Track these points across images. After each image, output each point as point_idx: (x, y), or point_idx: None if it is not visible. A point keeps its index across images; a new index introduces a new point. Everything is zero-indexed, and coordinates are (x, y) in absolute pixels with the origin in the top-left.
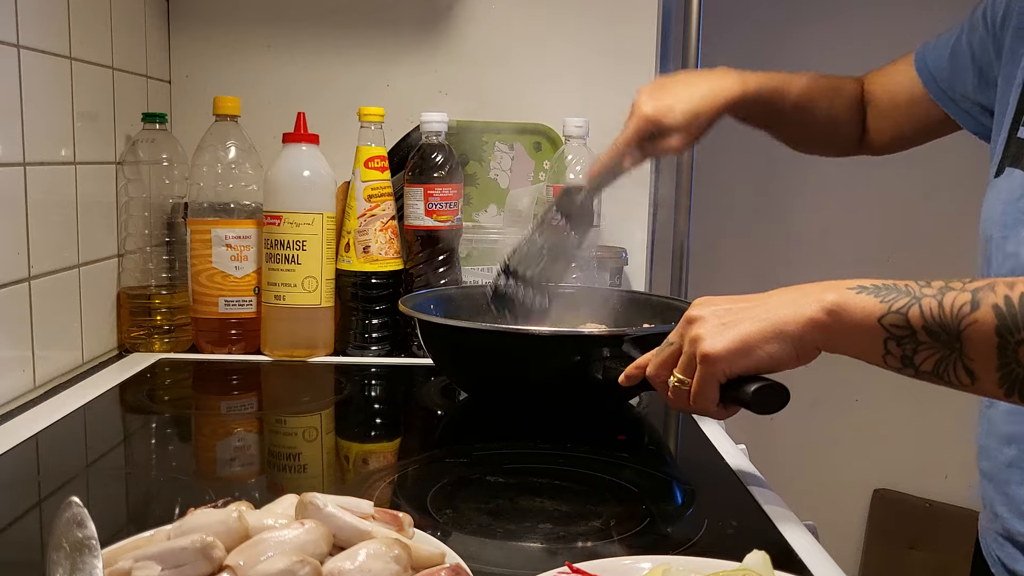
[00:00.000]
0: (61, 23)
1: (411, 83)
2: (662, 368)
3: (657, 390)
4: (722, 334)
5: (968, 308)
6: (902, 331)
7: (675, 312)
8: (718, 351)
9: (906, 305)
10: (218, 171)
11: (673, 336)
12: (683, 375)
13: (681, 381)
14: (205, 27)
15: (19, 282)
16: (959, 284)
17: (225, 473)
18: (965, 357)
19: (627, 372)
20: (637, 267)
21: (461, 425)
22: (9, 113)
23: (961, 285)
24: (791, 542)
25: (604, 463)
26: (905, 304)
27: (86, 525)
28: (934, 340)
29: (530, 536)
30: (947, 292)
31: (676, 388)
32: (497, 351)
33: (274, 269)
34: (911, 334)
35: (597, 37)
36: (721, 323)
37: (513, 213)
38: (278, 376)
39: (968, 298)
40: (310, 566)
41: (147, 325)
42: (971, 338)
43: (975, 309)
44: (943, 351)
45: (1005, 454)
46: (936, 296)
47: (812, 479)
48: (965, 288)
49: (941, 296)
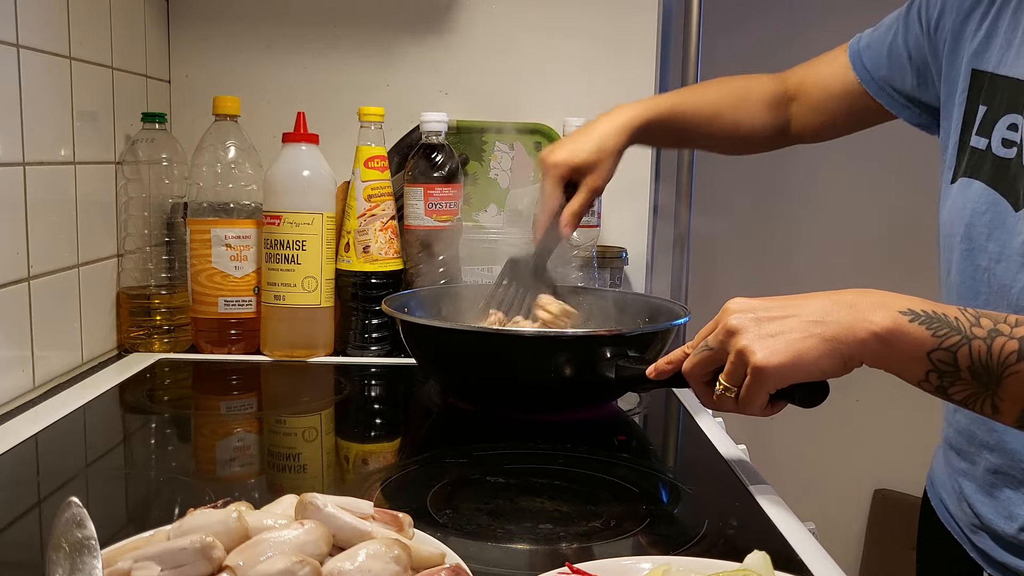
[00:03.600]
0: (61, 23)
1: (411, 83)
2: (700, 368)
3: (694, 388)
4: (773, 348)
5: (1015, 358)
6: (947, 367)
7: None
8: (773, 366)
9: (956, 344)
10: (218, 171)
11: (712, 341)
12: (730, 383)
13: (728, 389)
14: (205, 27)
15: (18, 282)
16: (1007, 327)
17: (225, 473)
18: (996, 397)
19: (658, 367)
20: (637, 267)
21: (461, 425)
22: (9, 113)
23: (1008, 328)
24: (791, 542)
25: (604, 463)
26: (956, 343)
27: (86, 525)
28: (974, 379)
29: (530, 536)
30: (996, 337)
31: (722, 395)
32: (478, 352)
33: (274, 269)
34: (955, 371)
35: (597, 37)
36: (768, 334)
37: (513, 213)
38: (278, 376)
39: (1016, 347)
40: (310, 566)
41: (147, 325)
42: (1009, 385)
43: (1021, 360)
44: (978, 389)
45: (988, 460)
46: (986, 340)
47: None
48: (1013, 335)
49: (991, 340)
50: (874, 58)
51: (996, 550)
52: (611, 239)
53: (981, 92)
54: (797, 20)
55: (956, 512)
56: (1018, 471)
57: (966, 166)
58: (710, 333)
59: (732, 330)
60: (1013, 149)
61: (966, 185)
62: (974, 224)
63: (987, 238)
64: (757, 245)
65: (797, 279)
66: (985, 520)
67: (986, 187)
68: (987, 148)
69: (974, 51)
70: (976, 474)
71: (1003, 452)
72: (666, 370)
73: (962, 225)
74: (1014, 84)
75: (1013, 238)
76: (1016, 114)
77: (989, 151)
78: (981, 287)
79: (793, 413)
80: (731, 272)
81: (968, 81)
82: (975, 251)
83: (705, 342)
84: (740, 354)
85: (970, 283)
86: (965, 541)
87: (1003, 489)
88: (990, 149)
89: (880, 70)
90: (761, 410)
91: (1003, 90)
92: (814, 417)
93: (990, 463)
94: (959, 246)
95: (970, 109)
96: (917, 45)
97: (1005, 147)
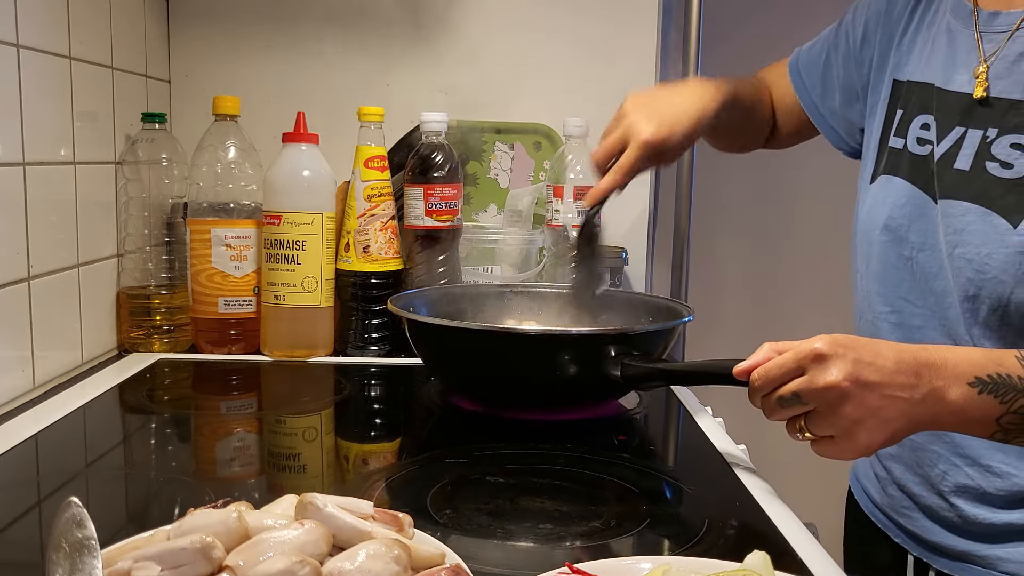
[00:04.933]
0: (61, 23)
1: (411, 83)
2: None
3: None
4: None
5: None
6: (1014, 427)
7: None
8: (874, 447)
9: (1023, 407)
10: (218, 171)
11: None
12: (815, 432)
13: (803, 431)
14: (205, 26)
15: (19, 282)
16: None
17: (225, 473)
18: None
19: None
20: (637, 267)
21: (461, 425)
22: (9, 113)
23: None
24: (791, 542)
25: (604, 463)
26: (1022, 406)
27: (85, 525)
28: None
29: (530, 536)
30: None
31: (795, 433)
32: (485, 351)
33: (274, 269)
34: (1020, 428)
35: (597, 37)
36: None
37: (513, 213)
38: (278, 376)
39: None
40: (310, 566)
41: (147, 325)
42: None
43: None
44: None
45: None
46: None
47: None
48: None
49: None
50: (811, 75)
51: (929, 528)
52: (611, 239)
53: (899, 98)
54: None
55: (880, 499)
56: (942, 445)
57: (885, 164)
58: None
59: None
60: (927, 147)
61: (886, 181)
62: (894, 216)
63: (908, 229)
64: (757, 245)
65: (796, 280)
66: (915, 497)
67: (905, 182)
68: (903, 147)
69: (895, 64)
70: (902, 454)
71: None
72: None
73: (882, 218)
74: (925, 88)
75: (935, 228)
76: (928, 114)
77: (906, 150)
78: (904, 275)
79: None
80: (731, 272)
81: (889, 89)
82: (897, 241)
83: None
84: (841, 419)
85: (892, 272)
86: (891, 527)
87: (927, 466)
88: (906, 148)
89: (816, 88)
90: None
91: (916, 94)
92: None
93: (915, 442)
94: (879, 238)
95: (889, 114)
96: (844, 62)
97: (919, 145)
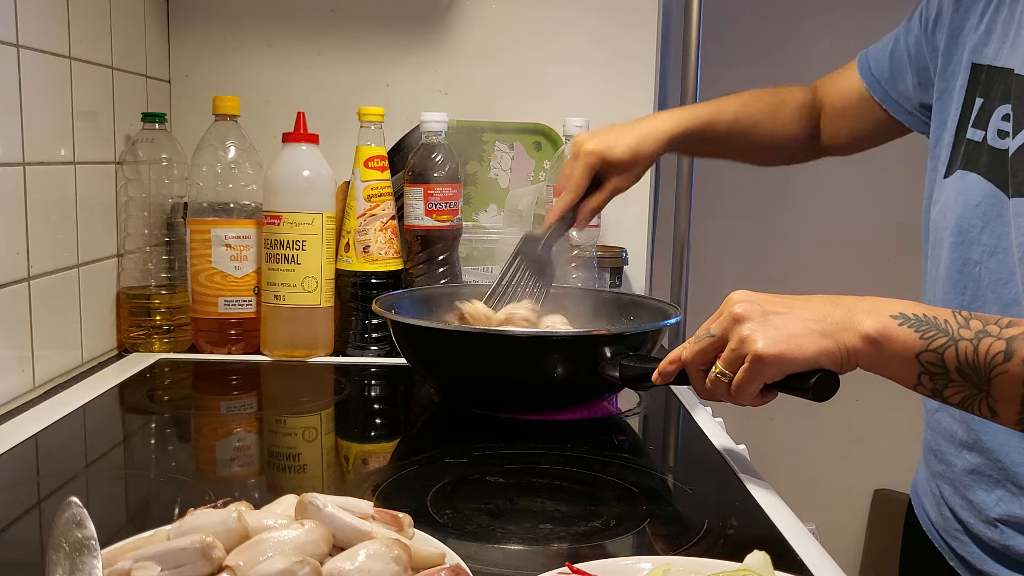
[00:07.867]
0: (61, 23)
1: (411, 83)
2: (701, 356)
3: (691, 377)
4: (774, 339)
5: (1001, 358)
6: (936, 368)
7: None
8: (772, 355)
9: (943, 345)
10: (218, 171)
11: (715, 328)
12: (726, 368)
13: (723, 373)
14: (205, 26)
15: (19, 282)
16: (996, 327)
17: (225, 473)
18: (990, 398)
19: (662, 370)
20: (637, 267)
21: (461, 425)
22: (9, 113)
23: (998, 330)
24: (791, 542)
25: (604, 463)
26: (943, 344)
27: (85, 525)
28: (965, 380)
29: (530, 536)
30: (983, 337)
31: (716, 379)
32: (468, 353)
33: (274, 269)
34: (944, 372)
35: (597, 37)
36: (772, 326)
37: (513, 213)
38: (278, 376)
39: (1003, 347)
40: (310, 566)
41: (146, 325)
42: (999, 385)
43: (1008, 360)
44: (971, 390)
45: (966, 460)
46: (973, 340)
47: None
48: (1001, 335)
49: (977, 341)
50: (879, 62)
51: (978, 556)
52: (611, 239)
53: (979, 85)
54: (796, 21)
55: (936, 519)
56: (994, 470)
57: (962, 159)
58: (713, 322)
59: (738, 318)
60: (1007, 140)
61: (961, 177)
62: (966, 216)
63: (980, 230)
64: (757, 245)
65: (797, 279)
66: (965, 523)
67: (982, 179)
68: (983, 140)
69: (973, 46)
70: (953, 476)
71: (980, 451)
72: (670, 371)
73: (954, 218)
74: (1008, 75)
75: (1009, 230)
76: (1009, 104)
77: (985, 142)
78: (969, 281)
79: (793, 413)
80: (731, 272)
81: (968, 75)
82: (966, 244)
83: (708, 329)
84: (742, 342)
85: (957, 277)
86: (946, 549)
87: (976, 491)
88: (986, 141)
89: (884, 73)
90: (752, 398)
91: (999, 81)
92: (814, 417)
93: (967, 463)
94: (948, 239)
95: (967, 102)
96: (917, 45)
97: (1000, 138)
